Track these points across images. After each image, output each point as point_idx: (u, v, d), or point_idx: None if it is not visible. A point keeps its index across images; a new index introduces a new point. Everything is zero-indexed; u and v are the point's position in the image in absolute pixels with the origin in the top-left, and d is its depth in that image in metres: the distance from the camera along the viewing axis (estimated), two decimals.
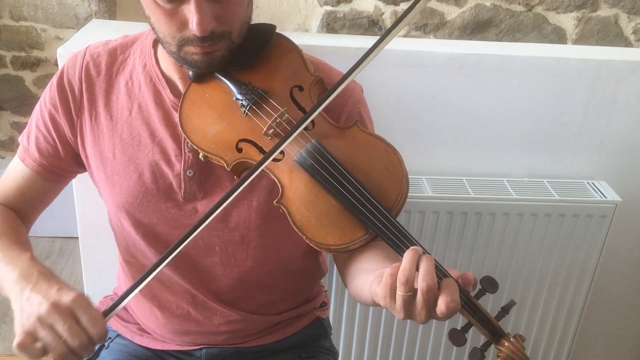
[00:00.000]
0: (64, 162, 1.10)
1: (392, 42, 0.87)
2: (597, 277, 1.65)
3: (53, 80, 1.07)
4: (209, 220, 0.87)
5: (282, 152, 0.93)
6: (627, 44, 2.47)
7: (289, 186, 0.92)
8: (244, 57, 0.98)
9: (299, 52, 1.02)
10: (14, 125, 2.67)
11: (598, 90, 1.55)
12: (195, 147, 0.97)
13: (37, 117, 1.09)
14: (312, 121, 0.95)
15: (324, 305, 1.31)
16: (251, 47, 0.99)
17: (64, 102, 1.06)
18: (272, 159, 0.90)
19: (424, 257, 0.80)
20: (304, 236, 0.90)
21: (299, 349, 1.22)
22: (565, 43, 2.47)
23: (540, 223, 1.56)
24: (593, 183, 1.62)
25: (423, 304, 0.78)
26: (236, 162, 0.95)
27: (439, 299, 0.77)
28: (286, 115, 0.94)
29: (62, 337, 0.84)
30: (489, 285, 0.83)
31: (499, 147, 1.61)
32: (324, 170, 0.90)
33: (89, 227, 1.51)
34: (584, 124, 1.59)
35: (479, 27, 2.43)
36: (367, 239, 0.90)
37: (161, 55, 1.04)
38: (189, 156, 1.02)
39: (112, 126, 1.05)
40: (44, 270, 0.92)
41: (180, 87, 1.03)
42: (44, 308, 0.84)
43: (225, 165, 0.95)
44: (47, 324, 0.84)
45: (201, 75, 0.98)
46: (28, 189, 1.11)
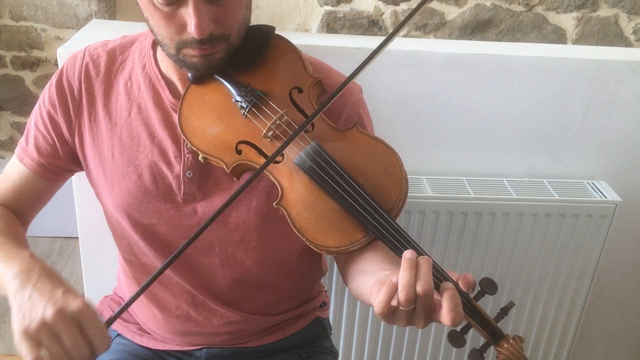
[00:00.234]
0: (62, 162, 1.10)
1: (392, 42, 0.87)
2: (597, 277, 1.65)
3: (52, 80, 1.07)
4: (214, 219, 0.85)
5: (281, 154, 0.93)
6: (627, 44, 2.46)
7: (288, 188, 0.92)
8: (243, 58, 0.98)
9: (298, 53, 1.02)
10: (14, 125, 2.67)
11: (598, 90, 1.55)
12: (194, 148, 0.97)
13: (36, 117, 1.09)
14: (312, 123, 0.95)
15: (324, 305, 1.30)
16: (250, 49, 0.98)
17: (62, 102, 1.06)
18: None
19: (420, 261, 0.78)
20: (303, 238, 0.90)
21: (299, 349, 1.22)
22: (565, 43, 2.46)
23: (540, 223, 1.56)
24: (593, 183, 1.62)
25: (422, 310, 0.77)
26: (235, 163, 0.95)
27: (442, 312, 0.76)
28: (285, 117, 0.94)
29: (66, 347, 0.81)
30: (488, 287, 0.83)
31: (499, 147, 1.61)
32: (324, 172, 0.90)
33: (89, 227, 1.50)
34: (584, 124, 1.59)
35: (479, 27, 2.43)
36: (367, 241, 0.90)
37: (160, 56, 1.04)
38: (188, 157, 1.02)
39: (111, 127, 1.04)
40: (46, 268, 0.89)
41: (180, 88, 1.03)
42: (49, 314, 0.81)
43: (224, 167, 0.95)
44: (53, 332, 0.81)
45: (200, 76, 0.98)
46: (26, 188, 1.11)
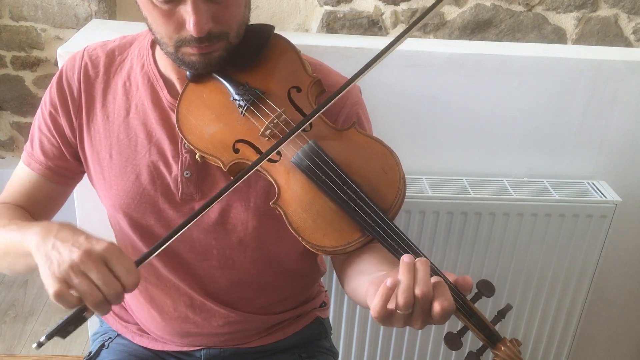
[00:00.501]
0: (69, 163, 1.09)
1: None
2: (597, 277, 1.65)
3: (52, 82, 1.08)
4: (215, 203, 0.86)
5: (279, 153, 0.93)
6: (627, 44, 2.46)
7: (285, 187, 0.92)
8: (242, 57, 0.98)
9: (297, 52, 1.02)
10: (14, 125, 2.67)
11: (598, 90, 1.55)
12: (192, 147, 0.96)
13: (39, 120, 1.09)
14: (310, 122, 0.95)
15: (324, 305, 1.30)
16: (249, 48, 0.98)
17: (63, 103, 1.06)
18: (267, 159, 0.89)
19: (418, 263, 0.78)
20: (300, 238, 0.90)
21: (299, 349, 1.22)
22: (565, 43, 2.46)
23: (540, 223, 1.56)
24: (593, 183, 1.62)
25: (420, 312, 0.77)
26: (233, 162, 0.95)
27: (434, 302, 0.76)
28: (283, 116, 0.94)
29: (97, 284, 0.80)
30: (486, 289, 0.83)
31: (499, 147, 1.60)
32: (321, 172, 0.89)
33: (89, 227, 1.48)
34: (584, 124, 1.59)
35: (479, 27, 2.42)
36: (364, 242, 0.89)
37: (159, 55, 1.04)
38: (186, 157, 1.02)
39: (109, 127, 1.04)
40: (64, 223, 0.88)
41: (178, 88, 1.03)
42: (76, 255, 0.80)
43: (221, 166, 0.95)
44: (81, 272, 0.80)
45: (199, 75, 0.98)
46: (38, 192, 1.09)
